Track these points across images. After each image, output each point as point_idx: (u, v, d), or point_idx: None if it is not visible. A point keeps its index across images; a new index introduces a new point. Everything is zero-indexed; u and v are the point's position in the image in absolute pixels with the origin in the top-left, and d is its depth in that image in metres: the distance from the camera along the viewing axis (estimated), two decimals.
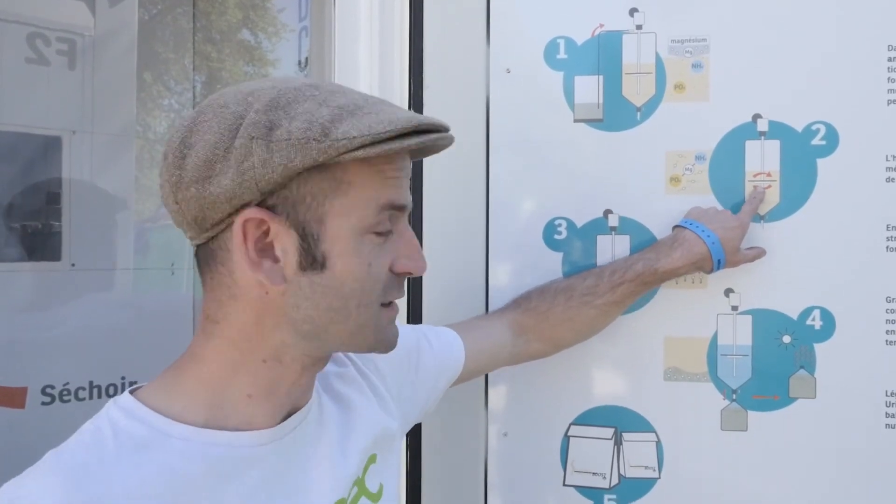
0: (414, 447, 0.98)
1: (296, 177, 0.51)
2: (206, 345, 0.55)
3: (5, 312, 1.19)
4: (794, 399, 0.90)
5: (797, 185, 0.90)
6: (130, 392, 0.55)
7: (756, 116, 0.91)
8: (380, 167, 0.54)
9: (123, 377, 1.24)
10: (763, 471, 0.91)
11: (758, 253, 0.89)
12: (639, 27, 0.93)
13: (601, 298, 0.86)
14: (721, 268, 0.87)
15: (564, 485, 0.95)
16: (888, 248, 0.89)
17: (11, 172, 1.22)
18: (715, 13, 0.92)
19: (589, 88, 0.94)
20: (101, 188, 1.32)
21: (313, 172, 0.51)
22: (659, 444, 0.93)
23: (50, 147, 1.26)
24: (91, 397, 1.21)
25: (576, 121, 0.94)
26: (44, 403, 1.17)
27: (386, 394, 0.71)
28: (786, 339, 0.91)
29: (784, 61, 0.91)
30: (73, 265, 1.24)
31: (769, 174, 0.91)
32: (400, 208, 0.55)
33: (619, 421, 0.93)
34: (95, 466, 0.49)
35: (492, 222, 0.96)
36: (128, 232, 1.35)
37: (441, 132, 0.55)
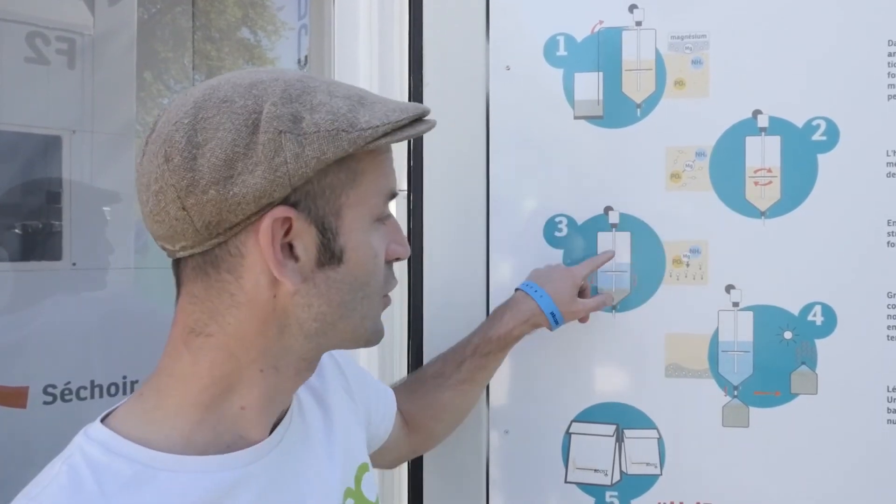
0: None
1: (320, 171, 0.50)
2: (195, 360, 0.51)
3: (6, 312, 1.18)
4: (796, 395, 0.90)
5: (798, 181, 0.90)
6: (101, 420, 0.50)
7: (756, 112, 0.91)
8: (383, 155, 0.54)
9: (125, 376, 1.24)
10: (765, 467, 0.91)
11: (602, 299, 0.89)
12: (638, 24, 0.93)
13: (450, 379, 0.84)
14: (560, 322, 0.86)
15: (566, 482, 0.95)
16: (889, 244, 0.89)
17: (11, 172, 1.22)
18: (715, 9, 0.92)
19: (589, 85, 0.94)
20: (102, 187, 1.32)
21: (332, 164, 0.50)
22: (660, 441, 0.93)
23: (50, 146, 1.26)
24: (92, 396, 1.21)
25: (576, 118, 0.94)
26: (45, 403, 1.17)
27: (361, 402, 0.71)
28: (787, 335, 0.91)
29: (784, 57, 0.90)
30: (74, 264, 1.24)
31: (770, 170, 0.91)
32: (395, 195, 0.56)
33: (621, 418, 0.93)
34: None
35: (492, 220, 0.96)
36: (128, 231, 1.35)
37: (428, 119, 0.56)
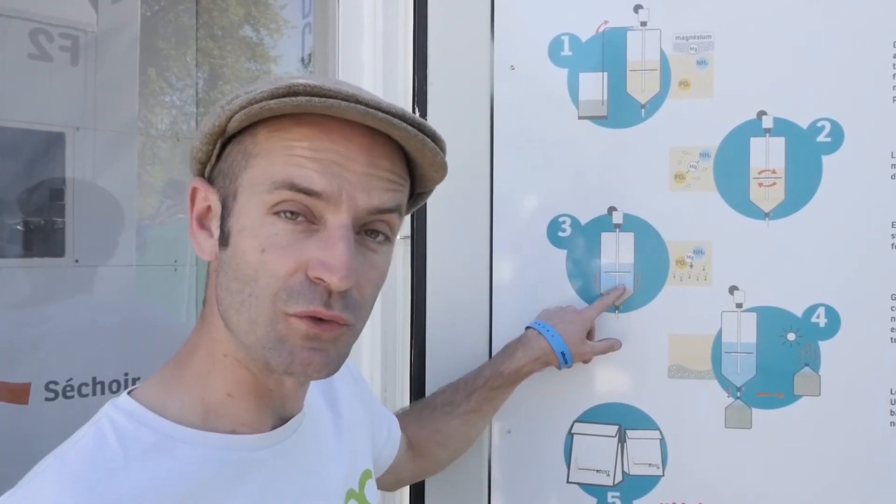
0: None
1: (224, 149, 0.51)
2: (197, 331, 0.55)
3: (9, 308, 1.19)
4: (799, 397, 0.90)
5: (802, 183, 0.90)
6: (129, 393, 0.53)
7: (761, 113, 0.91)
8: (289, 141, 0.48)
9: (126, 373, 1.24)
10: (767, 468, 0.91)
11: (609, 345, 0.90)
12: (643, 24, 0.93)
13: (458, 408, 0.86)
14: (569, 362, 0.87)
15: (568, 482, 0.95)
16: (893, 246, 0.89)
17: (15, 168, 1.22)
18: (719, 10, 0.91)
19: (593, 85, 0.94)
20: (105, 184, 1.32)
21: (235, 145, 0.50)
22: (663, 442, 0.93)
23: (53, 143, 1.26)
24: (94, 393, 1.21)
25: (580, 118, 0.94)
26: (47, 399, 1.17)
27: (368, 413, 0.71)
28: (790, 337, 0.91)
29: (789, 58, 0.90)
30: (77, 261, 1.24)
31: (774, 171, 0.91)
32: (307, 192, 0.47)
33: (623, 418, 0.93)
34: (104, 472, 0.47)
35: (495, 219, 0.96)
36: (131, 228, 1.35)
37: (337, 99, 0.46)
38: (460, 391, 0.87)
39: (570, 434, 0.95)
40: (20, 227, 1.22)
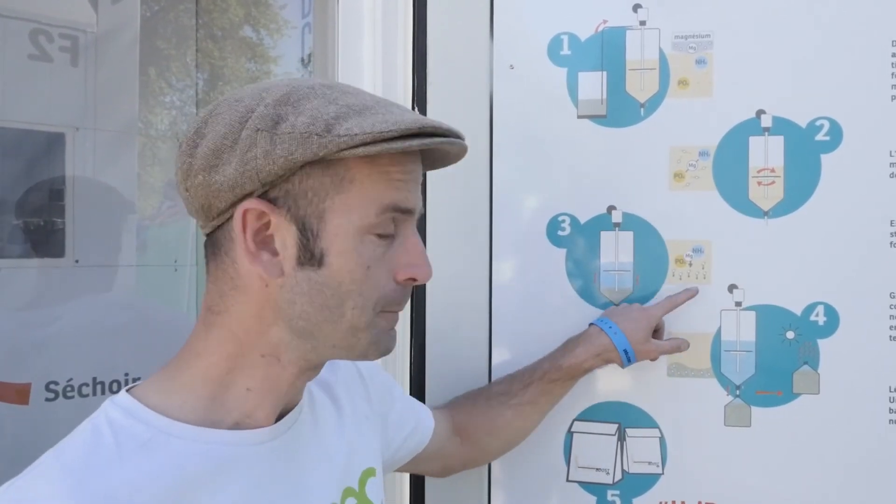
0: None
1: (298, 171, 0.51)
2: (207, 337, 0.56)
3: (9, 309, 1.19)
4: (798, 395, 0.91)
5: (801, 181, 0.90)
6: (127, 390, 0.55)
7: (760, 112, 0.91)
8: (385, 168, 0.53)
9: (127, 374, 1.24)
10: (766, 466, 0.91)
11: (677, 345, 0.89)
12: (642, 23, 0.93)
13: (515, 398, 0.86)
14: (632, 361, 0.86)
15: (568, 480, 0.95)
16: (892, 244, 0.89)
17: (16, 169, 1.22)
18: (718, 9, 0.92)
19: (592, 84, 0.94)
20: (105, 185, 1.32)
21: (316, 168, 0.51)
22: (662, 440, 0.93)
23: (53, 144, 1.26)
24: (94, 393, 1.21)
25: (579, 117, 0.94)
26: (47, 400, 1.17)
27: (378, 413, 0.72)
28: (789, 335, 0.91)
29: (788, 57, 0.91)
30: (77, 262, 1.24)
31: (773, 170, 0.91)
32: (405, 211, 0.54)
33: (623, 417, 0.93)
34: (97, 466, 0.49)
35: (495, 218, 0.96)
36: (131, 229, 1.35)
37: (448, 136, 0.54)
38: (517, 382, 0.87)
39: (570, 432, 0.95)
40: (20, 228, 1.22)
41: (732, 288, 0.92)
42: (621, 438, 0.94)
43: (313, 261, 0.52)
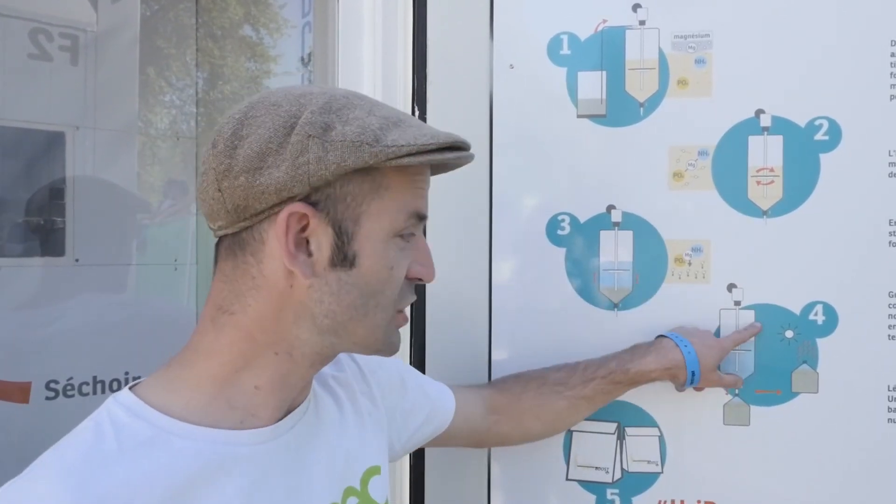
0: None
1: (341, 177, 0.54)
2: (218, 337, 0.56)
3: (9, 308, 1.19)
4: (797, 394, 0.91)
5: (800, 181, 0.90)
6: (130, 388, 0.55)
7: (759, 112, 0.91)
8: (413, 177, 0.57)
9: (127, 372, 1.24)
10: (765, 465, 0.91)
11: (735, 380, 0.89)
12: (642, 23, 0.93)
13: (571, 391, 0.86)
14: (695, 383, 0.87)
15: (567, 479, 0.95)
16: (890, 244, 0.89)
17: (16, 168, 1.22)
18: (718, 9, 0.92)
19: (592, 84, 0.94)
20: (105, 184, 1.32)
21: (356, 174, 0.54)
22: (661, 439, 0.93)
23: (53, 143, 1.26)
24: (95, 392, 1.21)
25: (579, 116, 0.95)
26: (48, 398, 1.17)
27: (383, 408, 0.72)
28: (788, 334, 0.91)
29: (787, 57, 0.91)
30: (77, 260, 1.24)
31: (772, 169, 0.91)
32: (422, 218, 0.59)
33: (622, 416, 0.94)
34: (98, 466, 0.50)
35: (495, 218, 0.96)
36: (131, 228, 1.35)
37: (466, 150, 0.59)
38: (578, 375, 0.87)
39: (570, 431, 0.95)
40: (20, 227, 1.22)
41: (731, 287, 0.92)
42: (621, 437, 0.94)
43: (346, 262, 0.55)
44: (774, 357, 0.91)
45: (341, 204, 0.54)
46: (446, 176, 0.65)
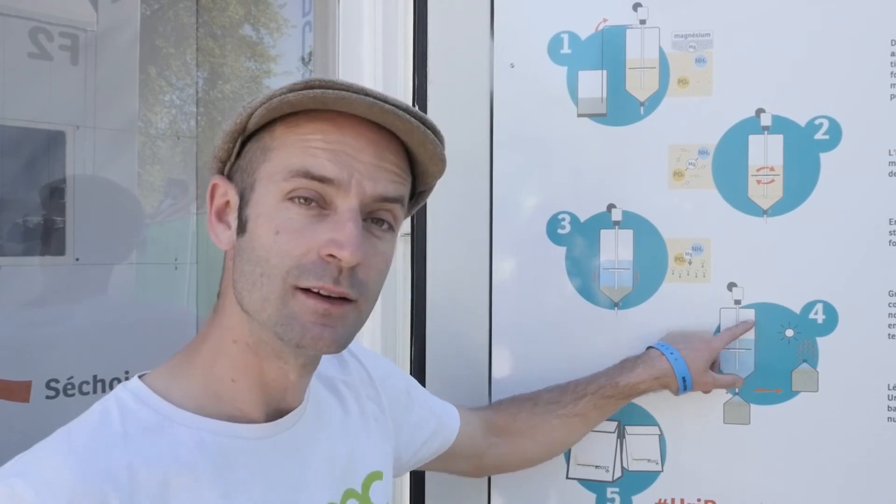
0: None
1: (243, 147, 0.55)
2: (209, 322, 0.58)
3: (10, 307, 1.19)
4: (797, 393, 0.91)
5: (800, 180, 0.91)
6: (140, 377, 0.56)
7: (759, 111, 0.91)
8: (304, 136, 0.53)
9: (127, 371, 1.24)
10: (765, 464, 0.91)
11: (733, 380, 0.89)
12: (642, 22, 0.93)
13: (564, 409, 0.85)
14: (688, 389, 0.86)
15: (567, 478, 0.95)
16: (891, 243, 0.89)
17: (17, 167, 1.22)
18: (718, 8, 0.92)
19: (592, 83, 0.94)
20: (105, 183, 1.32)
21: (253, 141, 0.55)
22: (662, 438, 0.93)
23: (54, 142, 1.26)
24: (95, 391, 1.21)
25: (579, 115, 0.95)
26: (48, 397, 1.17)
27: (390, 417, 0.71)
28: (788, 333, 0.91)
29: (787, 56, 0.91)
30: (78, 260, 1.24)
31: (772, 168, 0.91)
32: (322, 180, 0.52)
33: (622, 414, 0.94)
34: (102, 447, 0.51)
35: (495, 217, 0.96)
36: (131, 227, 1.35)
37: (349, 91, 0.51)
38: (569, 393, 0.86)
39: None
40: (21, 226, 1.22)
41: (732, 286, 0.92)
42: (621, 436, 0.94)
43: (241, 228, 0.54)
44: (774, 356, 0.91)
45: (244, 173, 0.55)
46: (447, 175, 0.62)
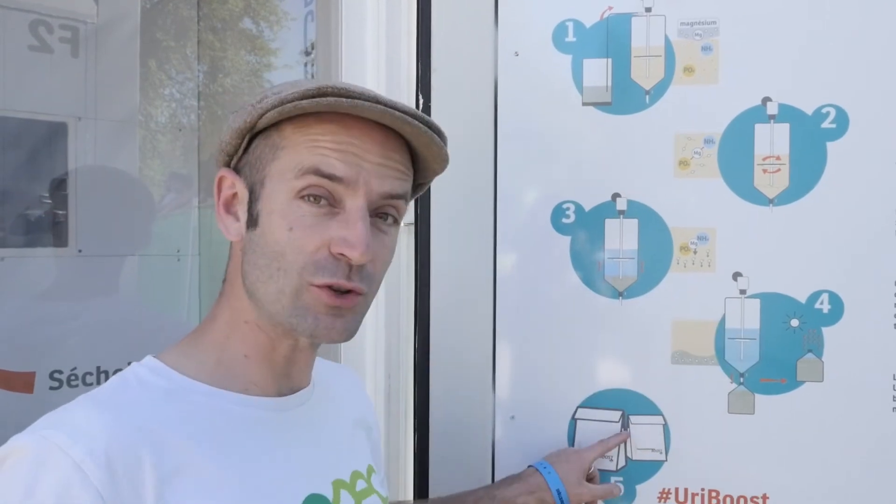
0: (421, 431, 0.98)
1: (251, 143, 0.57)
2: (217, 304, 0.60)
3: (13, 298, 1.19)
4: (802, 382, 0.91)
5: (806, 169, 0.90)
6: (152, 356, 0.58)
7: (766, 99, 0.91)
8: (313, 136, 0.55)
9: (130, 362, 1.24)
10: (770, 454, 0.91)
11: (608, 489, 0.90)
12: (648, 10, 0.93)
13: None
14: (565, 501, 0.86)
15: None
16: None
17: (19, 158, 1.22)
18: None
19: (598, 71, 0.94)
20: (108, 174, 1.31)
21: (261, 138, 0.56)
22: (666, 427, 0.93)
23: (56, 133, 1.26)
24: (98, 382, 1.21)
25: (584, 104, 0.94)
26: (52, 388, 1.17)
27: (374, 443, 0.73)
28: (794, 323, 0.91)
29: (794, 44, 0.90)
30: (80, 251, 1.24)
31: (778, 157, 0.91)
32: (331, 178, 0.54)
33: (627, 404, 0.94)
34: (127, 404, 0.52)
35: (499, 206, 0.96)
36: (133, 218, 1.35)
37: (357, 98, 0.52)
38: (450, 501, 0.87)
39: (574, 419, 0.95)
40: (23, 217, 1.22)
41: (737, 276, 0.92)
42: (625, 425, 0.94)
43: (252, 222, 0.56)
44: (779, 346, 0.91)
45: (253, 168, 0.57)
46: (450, 164, 0.63)
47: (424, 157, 0.60)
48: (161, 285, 1.46)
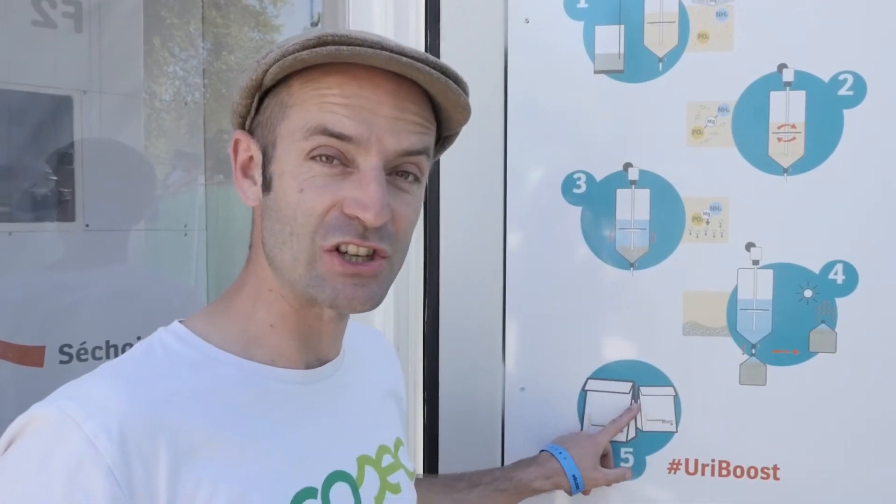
0: (431, 402, 0.98)
1: (262, 103, 0.54)
2: (243, 271, 0.58)
3: (22, 273, 1.19)
4: (814, 354, 0.90)
5: (823, 137, 0.89)
6: (179, 321, 0.57)
7: (781, 66, 0.89)
8: (320, 89, 0.51)
9: (139, 336, 1.24)
10: (781, 425, 0.91)
11: (622, 473, 0.91)
12: None
13: (457, 494, 0.84)
14: (581, 486, 0.87)
15: None
16: None
17: (25, 133, 1.21)
18: None
19: (610, 38, 0.92)
20: (114, 148, 1.31)
21: (271, 96, 0.54)
22: (677, 399, 0.93)
23: (61, 107, 1.25)
24: (108, 356, 1.22)
25: (596, 72, 0.92)
26: (62, 362, 1.17)
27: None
28: (807, 294, 0.90)
29: (810, 9, 0.88)
30: (88, 226, 1.24)
31: (794, 126, 0.89)
32: (339, 137, 0.50)
33: (637, 375, 0.93)
34: (148, 374, 0.51)
35: (509, 176, 0.95)
36: (140, 193, 1.35)
37: (360, 46, 0.49)
38: (465, 480, 0.86)
39: (584, 391, 0.95)
40: (30, 192, 1.22)
41: (750, 246, 0.91)
42: (635, 397, 0.94)
43: (266, 185, 0.54)
44: (792, 317, 0.90)
45: (265, 128, 0.54)
46: (462, 133, 0.60)
47: (445, 107, 0.55)
48: (168, 260, 1.46)
